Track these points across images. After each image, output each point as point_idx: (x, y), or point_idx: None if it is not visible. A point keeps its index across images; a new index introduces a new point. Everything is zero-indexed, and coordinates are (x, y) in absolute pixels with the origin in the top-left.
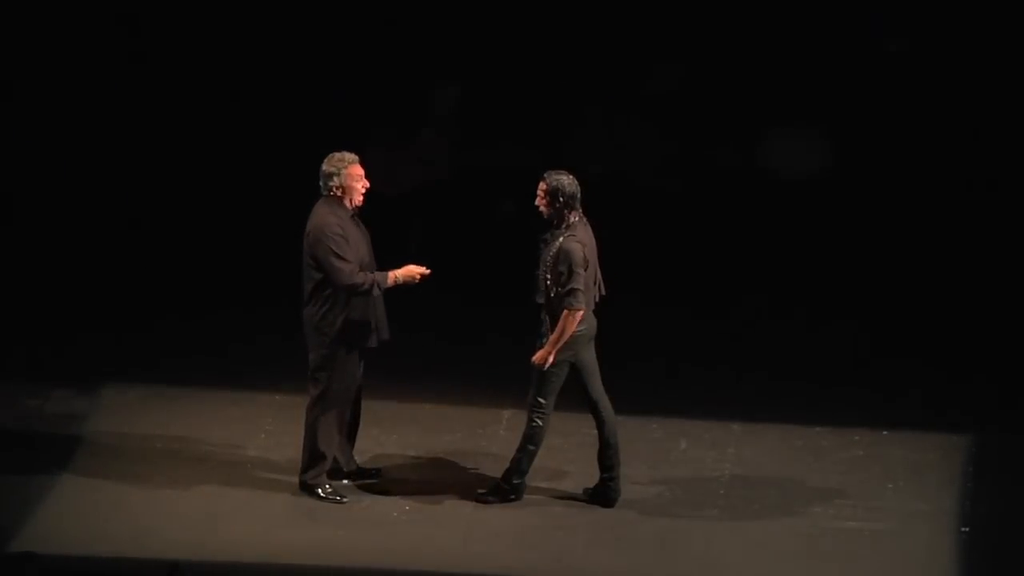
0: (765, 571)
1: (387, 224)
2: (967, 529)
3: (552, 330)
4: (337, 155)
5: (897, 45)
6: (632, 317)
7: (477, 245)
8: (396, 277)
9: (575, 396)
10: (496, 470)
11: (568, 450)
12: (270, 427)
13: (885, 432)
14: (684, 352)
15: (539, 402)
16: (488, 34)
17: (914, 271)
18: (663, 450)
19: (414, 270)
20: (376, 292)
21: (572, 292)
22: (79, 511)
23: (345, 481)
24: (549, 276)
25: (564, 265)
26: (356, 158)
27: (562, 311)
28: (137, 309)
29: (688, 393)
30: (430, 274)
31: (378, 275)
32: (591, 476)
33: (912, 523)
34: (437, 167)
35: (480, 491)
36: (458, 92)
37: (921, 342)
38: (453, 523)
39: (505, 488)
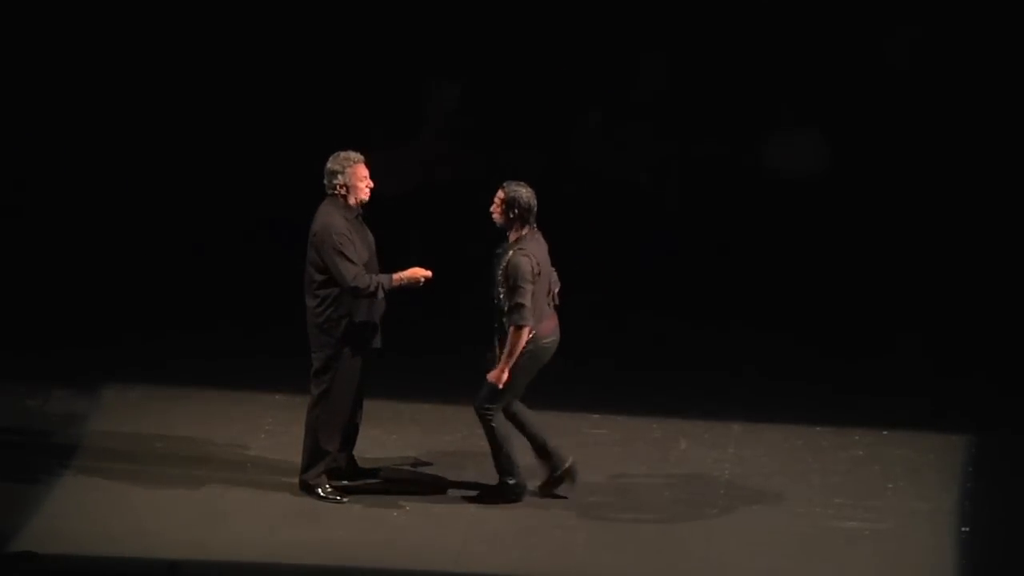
0: (765, 571)
1: (387, 225)
2: (967, 529)
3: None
4: (343, 154)
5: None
6: (632, 317)
7: (477, 245)
8: (401, 279)
9: (574, 396)
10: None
11: (568, 450)
12: (270, 427)
13: (885, 432)
14: (684, 352)
15: (487, 408)
16: (487, 33)
17: (914, 271)
18: (663, 450)
19: (418, 272)
20: (380, 295)
21: (518, 307)
22: (79, 511)
23: (345, 481)
24: (502, 290)
25: (512, 280)
26: (361, 158)
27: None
28: (137, 309)
29: (688, 393)
30: (432, 276)
31: (382, 277)
32: (591, 476)
33: (912, 523)
34: (437, 168)
35: (475, 493)
36: (458, 91)
37: (921, 342)
38: (453, 523)
39: (502, 491)
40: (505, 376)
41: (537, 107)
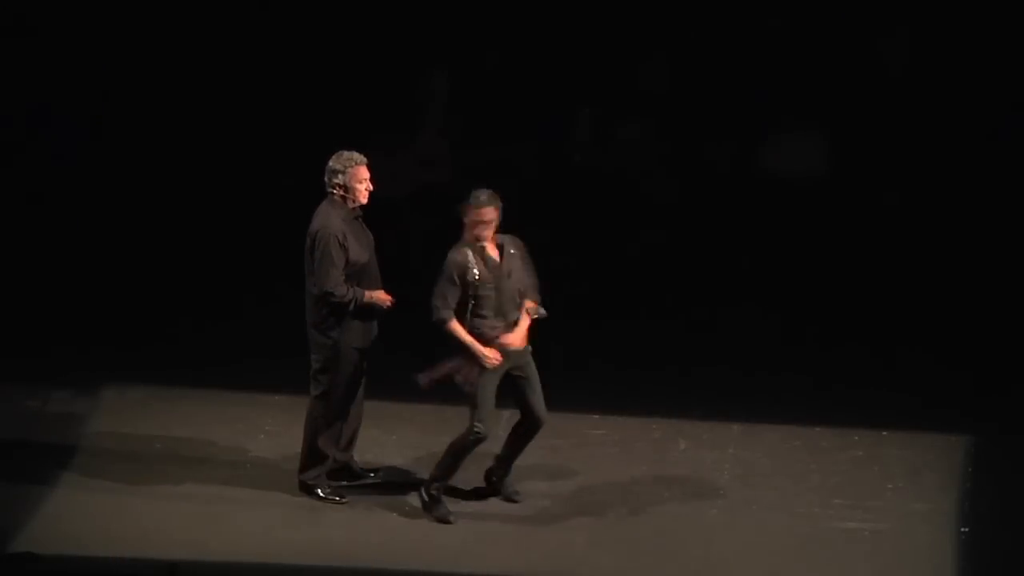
0: (765, 571)
1: (388, 227)
2: (966, 529)
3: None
4: (346, 154)
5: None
6: (631, 318)
7: None
8: (371, 298)
9: (574, 396)
10: None
11: (568, 450)
12: (270, 427)
13: (884, 432)
14: (683, 353)
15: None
16: (483, 30)
17: (913, 272)
18: (663, 450)
19: (384, 297)
20: (351, 308)
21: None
22: (79, 511)
23: (344, 481)
24: (522, 285)
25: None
26: (364, 160)
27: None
28: (137, 310)
29: (688, 393)
30: (394, 306)
31: (357, 292)
32: (591, 476)
33: (911, 523)
34: (438, 168)
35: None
36: (446, 80)
37: (920, 342)
38: (452, 523)
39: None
40: None
41: (534, 105)
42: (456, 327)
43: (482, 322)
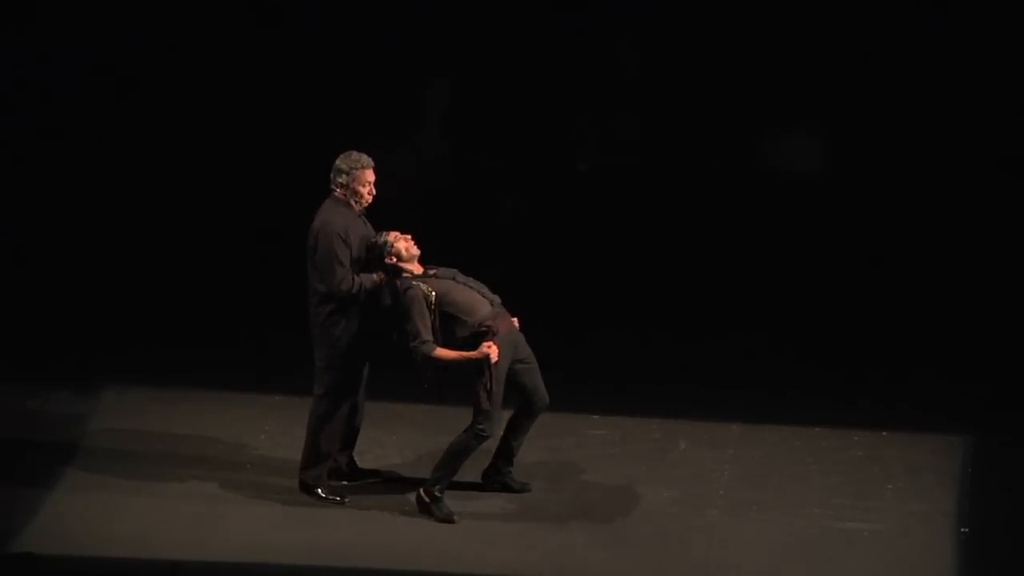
0: (764, 571)
1: (389, 226)
2: (966, 530)
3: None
4: (355, 155)
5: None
6: (630, 317)
7: (476, 246)
8: (382, 278)
9: (574, 396)
10: None
11: (568, 450)
12: (270, 428)
13: (884, 433)
14: (682, 352)
15: None
16: (480, 30)
17: (913, 271)
18: (663, 450)
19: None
20: (362, 296)
21: None
22: (79, 511)
23: (344, 482)
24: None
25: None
26: (371, 163)
27: None
28: (137, 309)
29: (688, 393)
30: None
31: (364, 278)
32: (591, 476)
33: (911, 523)
34: (437, 168)
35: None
36: (447, 85)
37: (920, 342)
38: (457, 522)
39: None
40: None
41: (531, 105)
42: (443, 351)
43: (471, 328)
